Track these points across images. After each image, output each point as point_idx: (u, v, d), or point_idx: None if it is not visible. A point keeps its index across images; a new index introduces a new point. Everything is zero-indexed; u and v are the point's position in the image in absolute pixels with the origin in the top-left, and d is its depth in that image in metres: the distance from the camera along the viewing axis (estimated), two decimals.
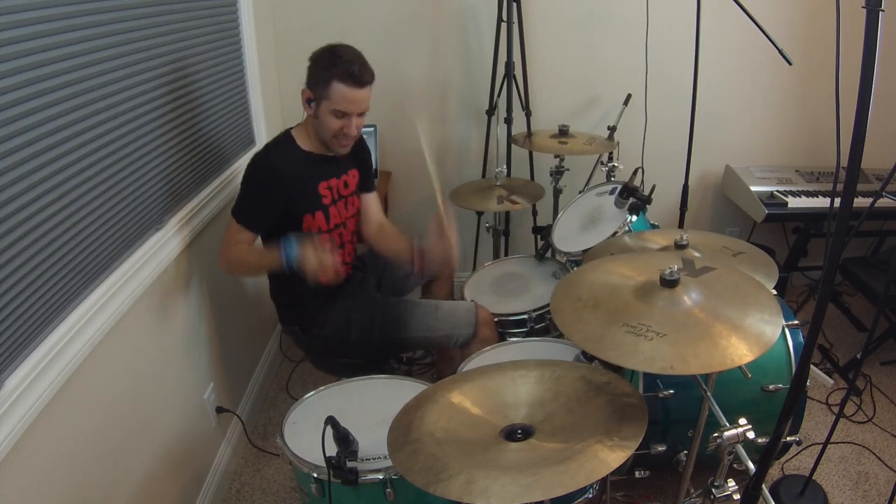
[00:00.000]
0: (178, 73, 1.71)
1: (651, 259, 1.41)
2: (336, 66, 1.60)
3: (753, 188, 2.64)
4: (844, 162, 0.93)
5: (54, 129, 1.19)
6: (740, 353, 1.05)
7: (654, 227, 2.10)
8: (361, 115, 1.70)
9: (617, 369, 1.26)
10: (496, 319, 1.93)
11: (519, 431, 1.11)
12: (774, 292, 1.24)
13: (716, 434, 1.16)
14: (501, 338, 1.91)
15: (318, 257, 1.56)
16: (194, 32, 1.82)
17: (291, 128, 1.78)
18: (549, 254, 2.24)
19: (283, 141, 1.74)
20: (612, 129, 2.52)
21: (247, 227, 1.68)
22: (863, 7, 0.84)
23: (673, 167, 2.56)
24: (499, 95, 2.57)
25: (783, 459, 2.02)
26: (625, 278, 1.30)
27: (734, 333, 1.09)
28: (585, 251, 1.83)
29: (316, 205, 1.74)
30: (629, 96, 2.57)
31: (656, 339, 1.09)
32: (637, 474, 1.74)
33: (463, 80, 2.75)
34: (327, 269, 1.56)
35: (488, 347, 1.73)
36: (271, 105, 2.61)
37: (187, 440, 1.77)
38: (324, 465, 1.25)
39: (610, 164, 2.30)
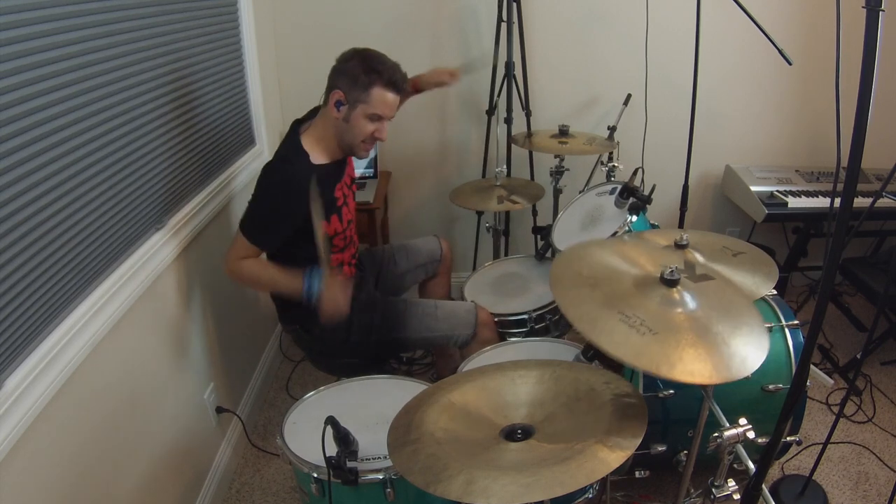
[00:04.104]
0: (179, 72, 1.71)
1: (658, 252, 1.39)
2: (379, 73, 1.62)
3: (753, 188, 2.64)
4: (844, 162, 0.93)
5: (54, 129, 1.19)
6: (720, 371, 1.04)
7: (654, 227, 2.10)
8: (390, 119, 1.71)
9: (617, 369, 1.25)
10: (496, 319, 1.92)
11: (519, 431, 1.11)
12: (774, 292, 1.24)
13: (716, 434, 1.16)
14: (501, 338, 1.91)
15: (337, 294, 1.60)
16: (194, 32, 1.81)
17: (299, 132, 1.72)
18: (549, 254, 2.24)
19: (300, 159, 1.67)
20: (612, 129, 2.52)
21: (258, 246, 1.64)
22: (863, 7, 0.84)
23: (673, 167, 2.56)
24: (499, 95, 2.57)
25: (783, 459, 2.02)
26: (628, 264, 1.29)
27: (717, 351, 1.07)
28: None
29: (331, 209, 1.73)
30: (629, 96, 2.57)
31: (648, 336, 1.08)
32: (637, 474, 1.74)
33: (463, 80, 2.74)
34: (342, 307, 1.61)
35: (488, 347, 1.73)
36: (271, 105, 2.61)
37: (187, 440, 1.77)
38: (324, 465, 1.25)
39: (610, 164, 2.30)
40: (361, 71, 1.62)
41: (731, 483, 1.28)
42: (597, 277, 1.24)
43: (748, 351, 1.08)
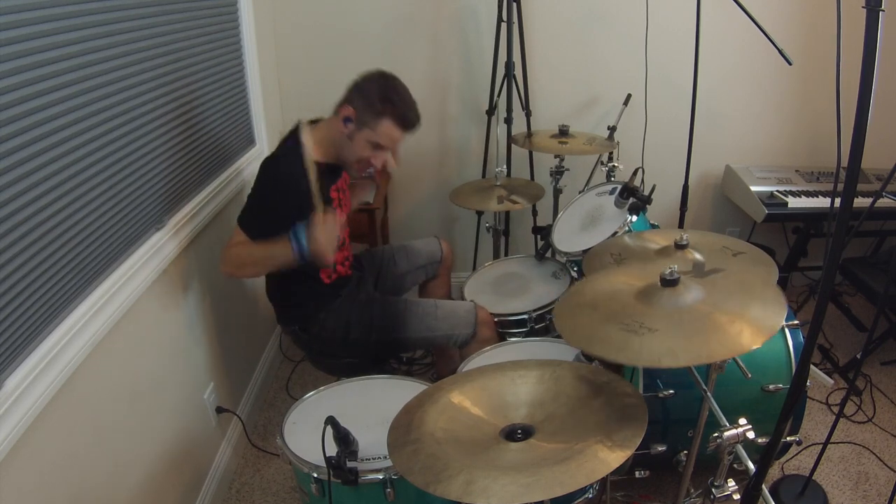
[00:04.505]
0: (178, 73, 1.71)
1: (659, 263, 1.40)
2: (394, 105, 1.61)
3: (753, 188, 2.64)
4: (844, 162, 0.93)
5: (54, 129, 1.19)
6: (741, 342, 1.05)
7: (654, 227, 2.10)
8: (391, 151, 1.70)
9: (617, 369, 1.26)
10: (496, 319, 1.93)
11: (519, 431, 1.11)
12: None
13: (716, 434, 1.16)
14: (501, 338, 1.91)
15: (326, 230, 1.54)
16: (194, 32, 1.81)
17: (298, 127, 1.72)
18: (549, 254, 2.24)
19: (300, 154, 1.64)
20: (612, 129, 2.52)
21: (255, 240, 1.62)
22: (863, 7, 0.84)
23: (673, 167, 2.56)
24: (499, 95, 2.57)
25: (783, 459, 2.02)
26: (629, 284, 1.29)
27: (738, 321, 1.08)
28: (585, 251, 1.83)
29: (327, 210, 1.72)
30: (629, 96, 2.57)
31: (648, 335, 1.09)
32: (637, 474, 1.74)
33: (463, 80, 2.75)
34: (334, 238, 1.56)
35: (488, 347, 1.73)
36: (271, 105, 2.61)
37: (187, 440, 1.77)
38: (324, 465, 1.25)
39: (610, 164, 2.30)
40: (378, 98, 1.61)
41: (731, 483, 1.29)
42: (597, 300, 1.25)
43: (767, 313, 1.10)
